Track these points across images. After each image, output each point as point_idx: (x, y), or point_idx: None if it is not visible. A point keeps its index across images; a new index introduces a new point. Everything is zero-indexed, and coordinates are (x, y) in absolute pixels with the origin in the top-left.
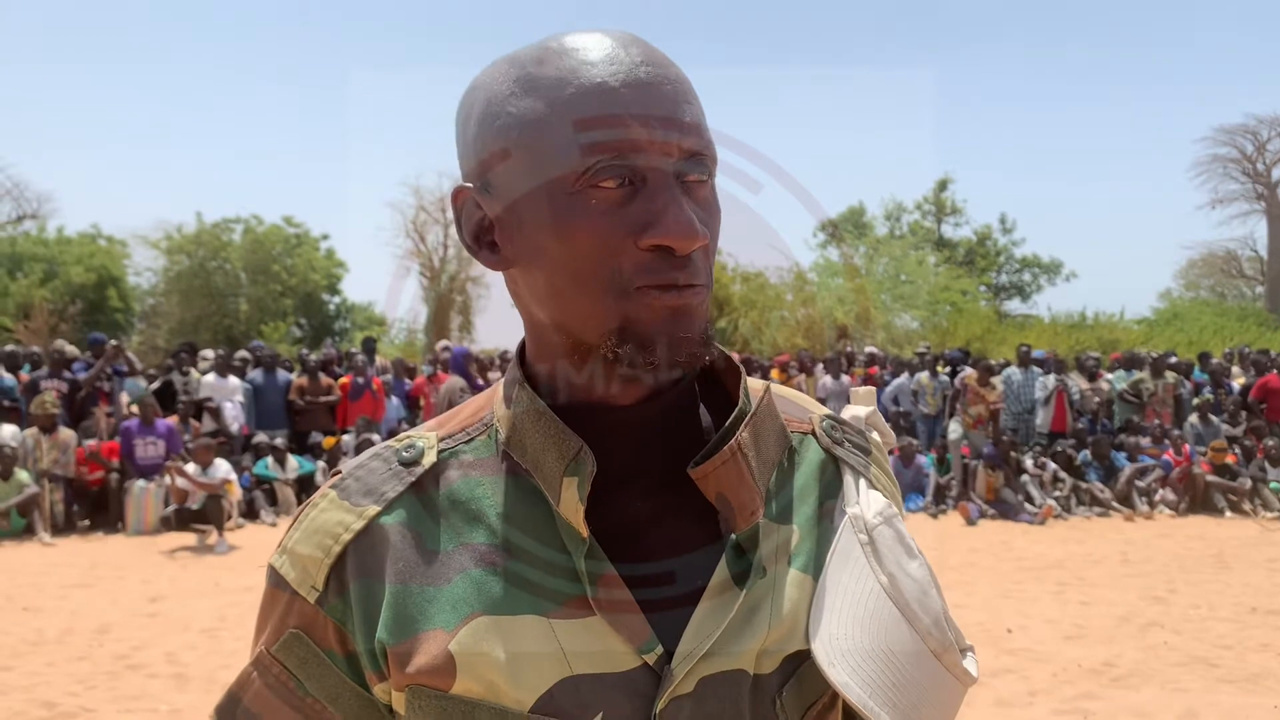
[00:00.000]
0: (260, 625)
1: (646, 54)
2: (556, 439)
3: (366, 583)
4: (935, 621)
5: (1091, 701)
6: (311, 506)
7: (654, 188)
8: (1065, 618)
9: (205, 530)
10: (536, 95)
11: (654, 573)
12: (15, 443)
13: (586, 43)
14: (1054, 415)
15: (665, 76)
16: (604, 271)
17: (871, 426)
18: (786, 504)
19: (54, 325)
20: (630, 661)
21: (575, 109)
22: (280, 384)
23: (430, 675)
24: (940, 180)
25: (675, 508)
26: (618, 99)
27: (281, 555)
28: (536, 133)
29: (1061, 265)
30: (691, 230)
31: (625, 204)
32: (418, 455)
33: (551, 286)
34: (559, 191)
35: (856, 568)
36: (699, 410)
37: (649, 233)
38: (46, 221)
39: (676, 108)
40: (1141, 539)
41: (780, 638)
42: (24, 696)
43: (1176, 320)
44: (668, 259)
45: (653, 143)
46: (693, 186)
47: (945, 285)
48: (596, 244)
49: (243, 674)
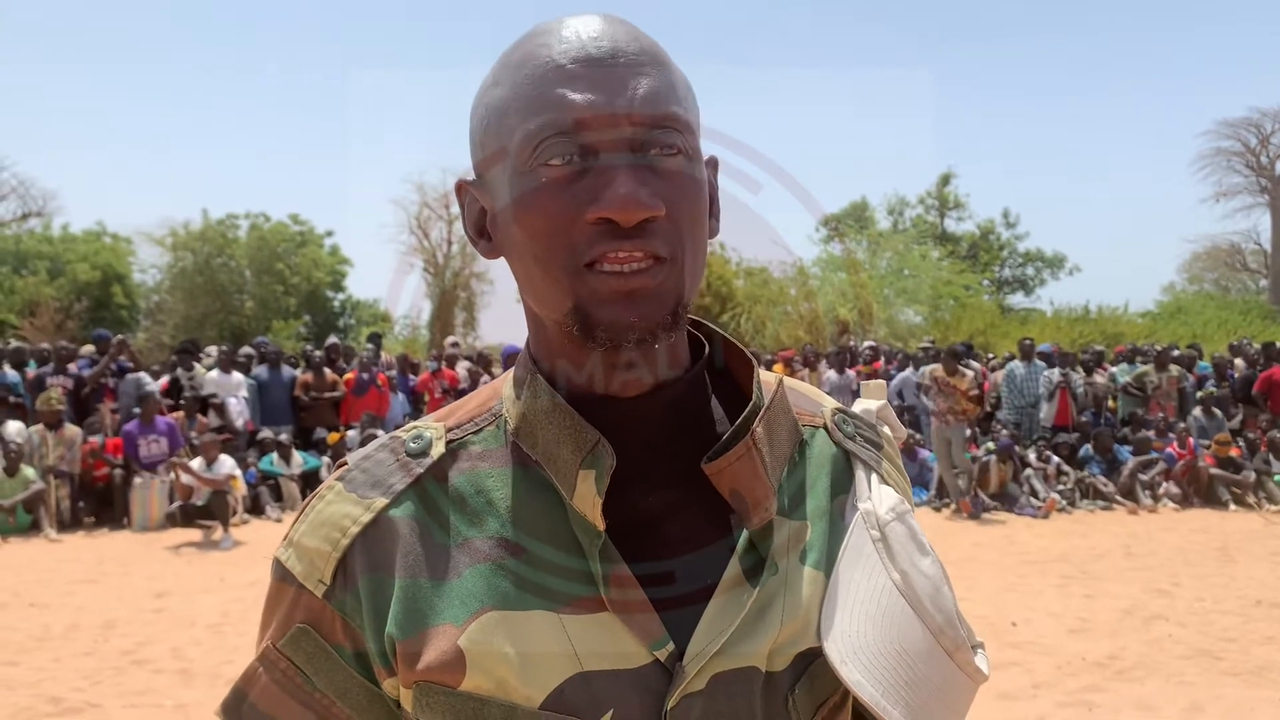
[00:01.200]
0: (266, 620)
1: (606, 30)
2: (572, 431)
3: (375, 577)
4: (948, 619)
5: (1096, 694)
6: (318, 499)
7: (603, 162)
8: (1069, 611)
9: (210, 526)
10: (503, 83)
11: (666, 569)
12: (21, 439)
13: (551, 26)
14: (1057, 409)
15: (619, 50)
16: (559, 250)
17: (882, 420)
18: (799, 499)
19: (60, 322)
20: (642, 658)
21: (526, 90)
22: (285, 380)
23: (440, 671)
24: (943, 175)
25: (687, 502)
26: (564, 75)
27: (287, 549)
28: (499, 119)
29: (1065, 259)
30: (632, 201)
31: (575, 180)
32: (425, 446)
33: (525, 271)
34: (516, 174)
35: (869, 565)
36: (711, 403)
37: (592, 205)
38: (52, 219)
39: (626, 80)
40: (1145, 532)
41: (792, 635)
42: (31, 692)
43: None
44: (616, 232)
45: (598, 116)
46: (658, 159)
47: (948, 279)
48: (547, 222)
49: (249, 669)
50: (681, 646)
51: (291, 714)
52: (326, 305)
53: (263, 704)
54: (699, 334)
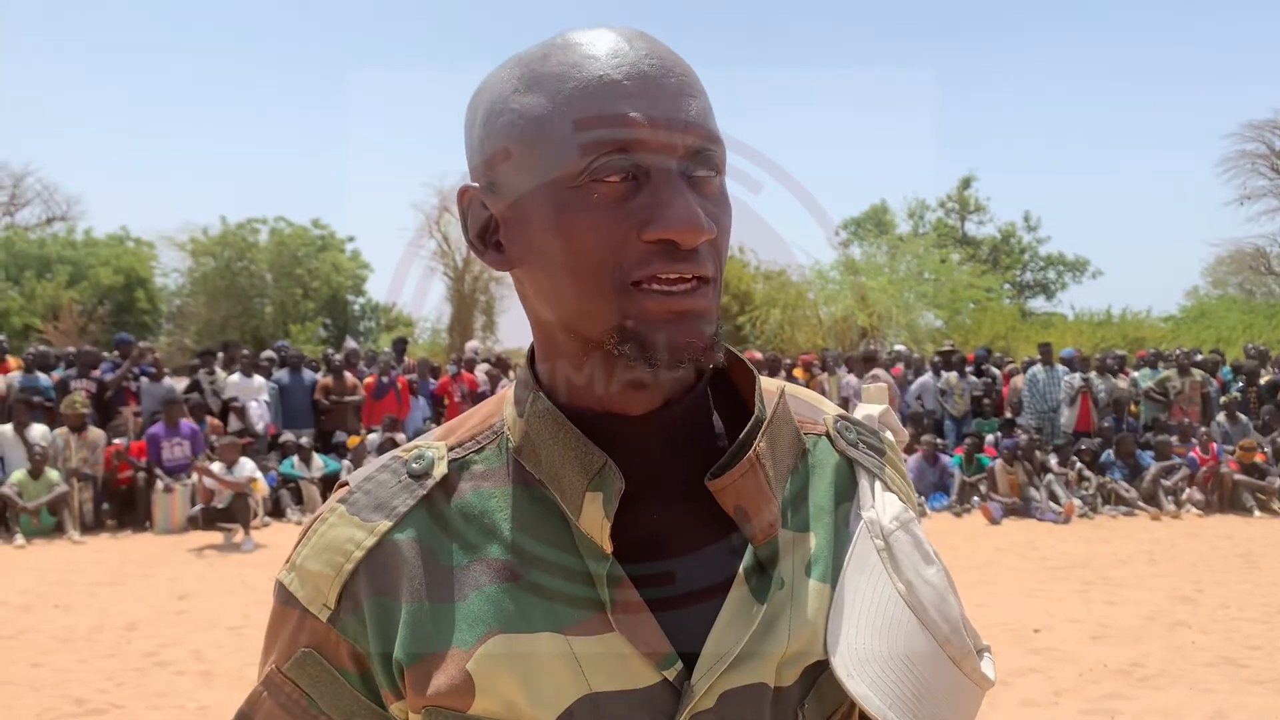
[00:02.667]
0: (269, 643)
1: (651, 48)
2: (578, 451)
3: (381, 601)
4: (954, 628)
5: (1118, 702)
6: (320, 521)
7: (657, 182)
8: (1091, 617)
9: (231, 529)
10: (539, 91)
11: (671, 587)
12: (45, 442)
13: (590, 38)
14: (1079, 414)
15: (670, 70)
16: (606, 267)
17: (885, 425)
18: (802, 511)
19: (83, 326)
20: (650, 678)
21: (577, 104)
22: (306, 383)
23: (449, 696)
24: (964, 178)
25: (691, 519)
26: (621, 93)
27: (290, 572)
28: (539, 129)
29: (1087, 263)
30: (696, 222)
31: (628, 199)
32: (428, 467)
33: (555, 284)
34: (561, 188)
35: (873, 575)
36: (713, 417)
37: (652, 226)
38: (75, 224)
39: (681, 102)
40: (1168, 538)
41: (800, 649)
42: (55, 693)
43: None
44: (671, 253)
45: (656, 136)
46: (700, 182)
47: (968, 283)
48: (599, 239)
49: (253, 693)
50: (689, 665)
51: None
52: (347, 309)
53: None
54: None
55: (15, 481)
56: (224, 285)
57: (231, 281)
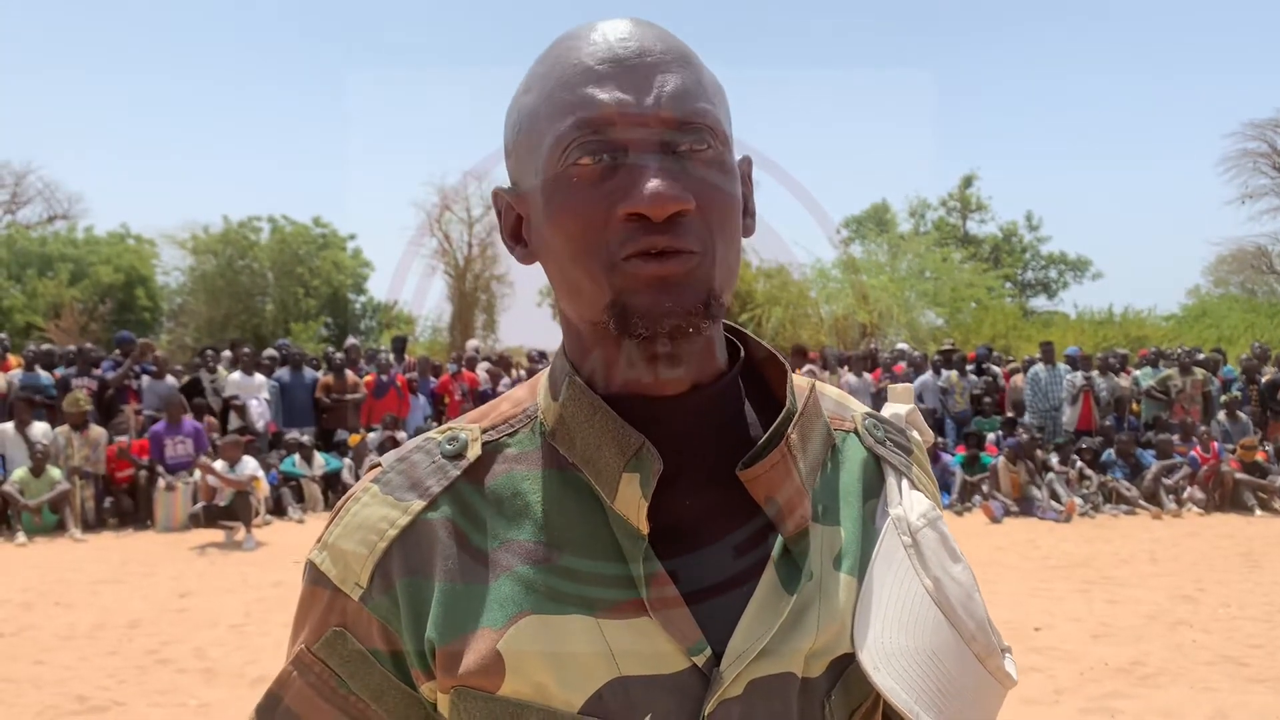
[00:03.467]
0: (299, 623)
1: (634, 32)
2: (615, 434)
3: (414, 581)
4: (980, 626)
5: (1119, 700)
6: (353, 501)
7: (632, 159)
8: (1092, 616)
9: (233, 527)
10: (533, 89)
11: (702, 573)
12: (47, 440)
13: (580, 30)
14: (1080, 413)
15: (647, 49)
16: (594, 248)
17: (911, 424)
18: (832, 504)
19: (84, 324)
20: (679, 663)
21: (555, 95)
22: (307, 382)
23: (479, 676)
24: (965, 176)
25: (722, 507)
26: (591, 76)
27: (322, 551)
28: (531, 124)
29: (1089, 263)
30: (662, 195)
31: (606, 179)
32: (461, 448)
33: (561, 272)
34: (548, 178)
35: (900, 570)
36: (745, 407)
37: (623, 202)
38: (77, 222)
39: (653, 78)
40: (1169, 537)
41: (828, 641)
42: (57, 690)
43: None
44: (648, 227)
45: (625, 115)
46: (688, 155)
47: (970, 282)
48: (581, 222)
49: (283, 673)
50: (718, 652)
51: (326, 718)
52: (348, 308)
53: (297, 707)
54: (733, 338)
55: (17, 479)
56: (225, 283)
57: (233, 280)
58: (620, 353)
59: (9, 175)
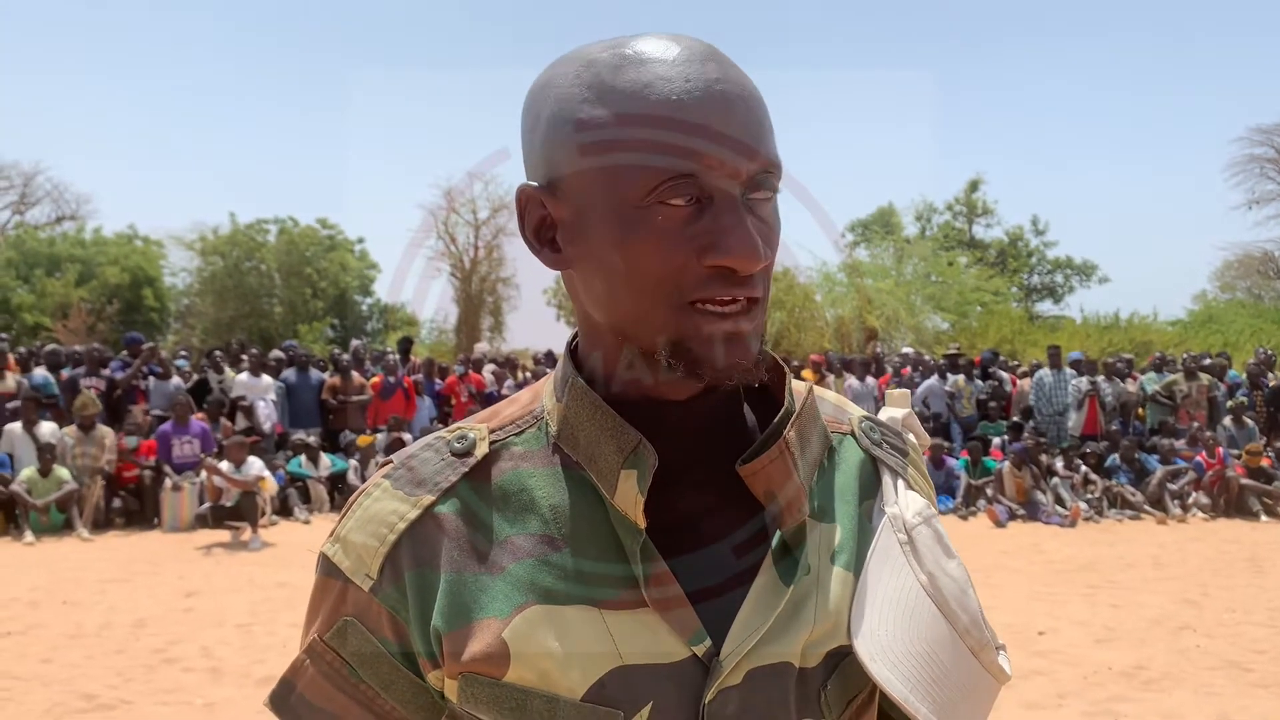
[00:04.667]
0: (312, 613)
1: (723, 70)
2: (614, 432)
3: (421, 572)
4: (973, 620)
5: (1122, 705)
6: (365, 495)
7: (720, 207)
8: (1096, 620)
9: (239, 527)
10: (609, 104)
11: (702, 567)
12: (54, 440)
13: (663, 53)
14: (1086, 418)
15: (740, 95)
16: (665, 287)
17: (907, 428)
18: (829, 503)
19: (91, 325)
20: (680, 653)
21: (649, 125)
22: (313, 383)
23: (484, 663)
24: (971, 181)
25: (722, 503)
26: (691, 116)
27: (334, 544)
28: (607, 144)
29: (1095, 268)
30: (755, 253)
31: (691, 222)
32: (470, 446)
33: (611, 293)
34: (626, 205)
35: (896, 566)
36: (744, 408)
37: (713, 254)
38: (85, 223)
39: (750, 128)
40: (1174, 542)
41: (825, 633)
42: (64, 688)
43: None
44: (728, 278)
45: (724, 164)
46: (757, 203)
47: (976, 286)
48: (661, 261)
49: (296, 661)
50: (718, 642)
51: (338, 705)
52: (355, 309)
53: (310, 695)
54: None
55: (25, 479)
56: (232, 285)
57: (240, 281)
58: (642, 365)
59: (17, 176)
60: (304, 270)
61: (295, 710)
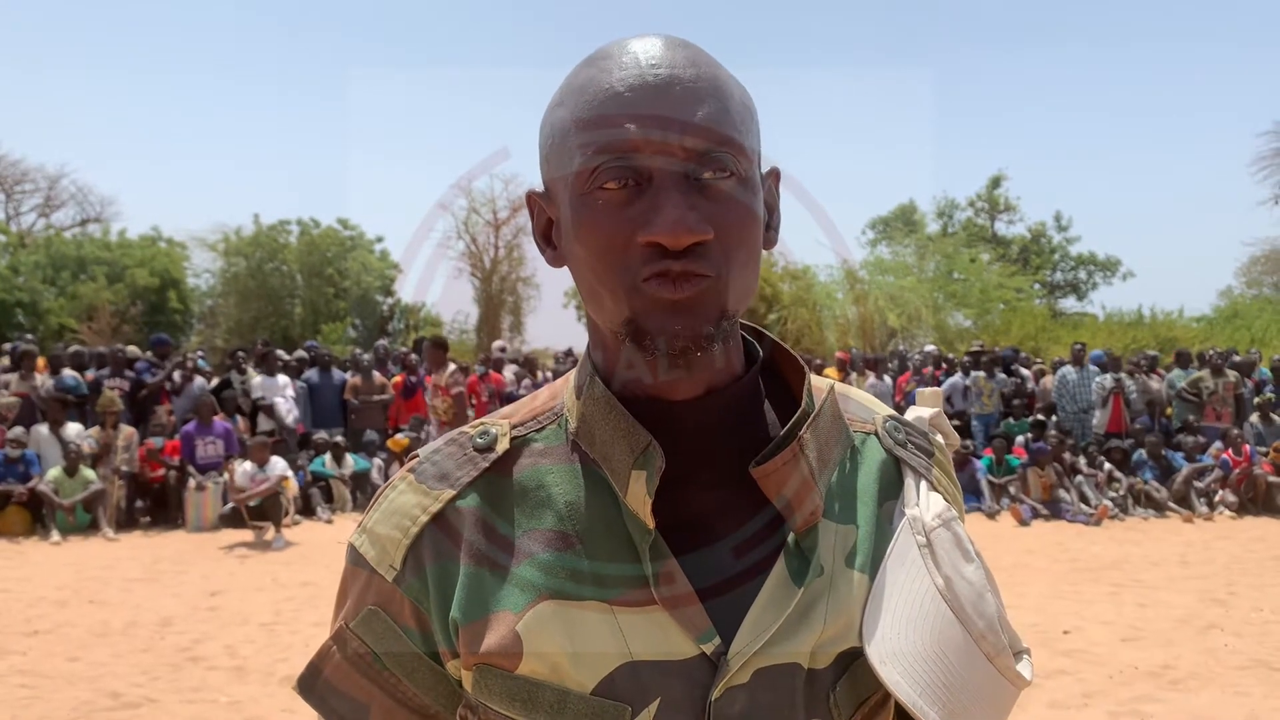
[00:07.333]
0: (340, 600)
1: (666, 57)
2: (626, 432)
3: (442, 564)
4: (990, 625)
5: (1149, 704)
6: (390, 489)
7: (655, 187)
8: (1122, 619)
9: (263, 527)
10: (566, 103)
11: (714, 566)
12: (81, 440)
13: (614, 50)
14: (1110, 416)
15: (676, 78)
16: (616, 267)
17: (935, 428)
18: (847, 503)
19: (116, 326)
20: (689, 651)
21: (586, 115)
22: (336, 383)
23: (498, 655)
24: (993, 177)
25: (736, 503)
26: (620, 102)
27: (361, 535)
28: (561, 138)
29: (1119, 263)
30: (680, 225)
31: (630, 203)
32: (491, 442)
33: (584, 282)
34: (575, 194)
35: (913, 569)
36: (763, 407)
37: (643, 230)
38: (110, 225)
39: (681, 108)
40: (1201, 540)
41: (835, 634)
42: (91, 686)
43: (1237, 318)
44: (666, 252)
45: (650, 143)
46: (709, 184)
47: (998, 283)
48: (604, 242)
49: (323, 647)
50: (727, 641)
51: (362, 690)
52: (376, 309)
53: (336, 680)
54: (754, 340)
55: (52, 479)
56: (255, 286)
57: (263, 282)
58: (633, 356)
59: (43, 179)
60: (325, 270)
61: (321, 694)
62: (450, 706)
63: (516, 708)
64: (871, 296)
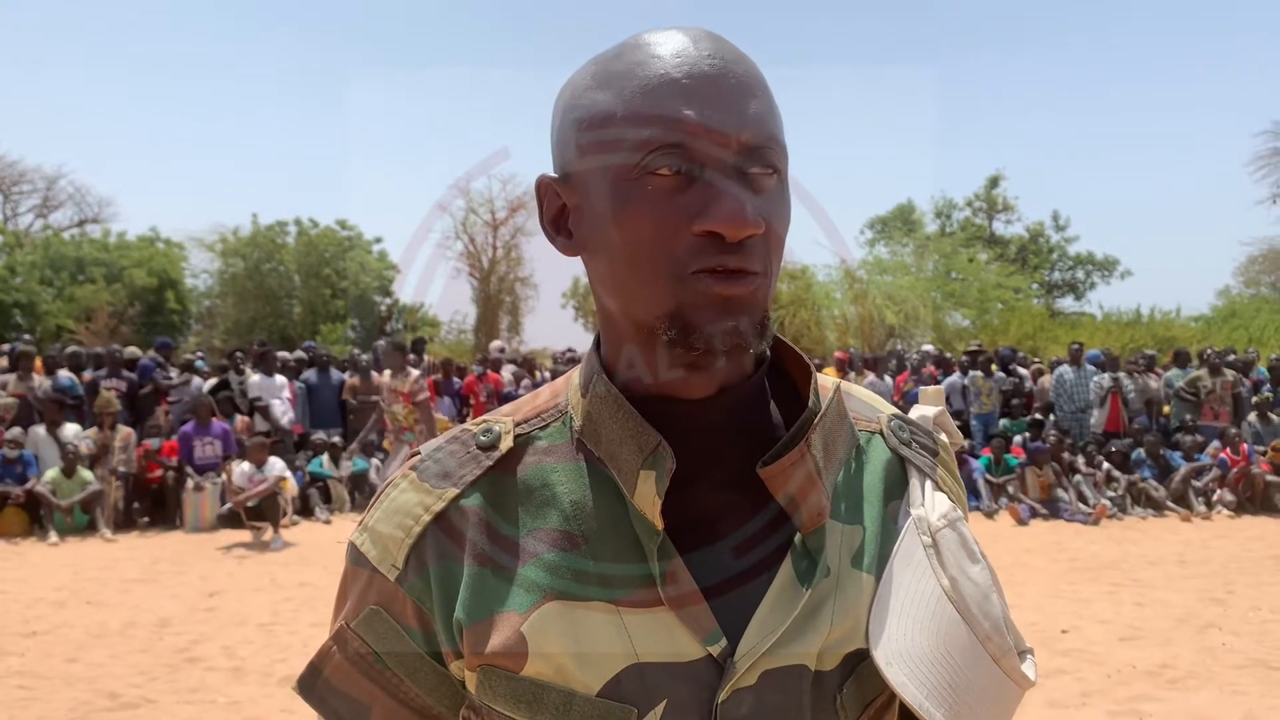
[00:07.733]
0: (340, 600)
1: (716, 48)
2: (634, 432)
3: (446, 564)
4: (995, 626)
5: (1147, 703)
6: (392, 487)
7: (710, 176)
8: (1120, 619)
9: (261, 527)
10: (606, 88)
11: (720, 567)
12: (79, 441)
13: (660, 39)
14: (1108, 415)
15: (730, 70)
16: (660, 257)
17: (939, 427)
18: (853, 504)
19: (114, 327)
20: (695, 652)
21: (637, 100)
22: (334, 383)
23: (503, 656)
24: (991, 176)
25: (743, 504)
26: (678, 90)
27: (362, 534)
28: (603, 123)
29: (1117, 263)
30: (741, 216)
31: (681, 191)
32: (495, 439)
33: (614, 272)
34: (620, 179)
35: (918, 570)
36: (770, 407)
37: (700, 219)
38: (109, 226)
39: (737, 100)
40: (1199, 539)
41: (842, 636)
42: (89, 687)
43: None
44: (720, 245)
45: (709, 132)
46: (755, 179)
47: (997, 283)
48: (652, 230)
49: (324, 647)
50: (734, 643)
51: (363, 691)
52: (375, 310)
53: (336, 680)
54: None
55: (49, 480)
56: (253, 286)
57: (261, 282)
58: (655, 354)
59: (40, 180)
60: (323, 271)
61: (321, 695)
62: (453, 707)
63: (521, 709)
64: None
